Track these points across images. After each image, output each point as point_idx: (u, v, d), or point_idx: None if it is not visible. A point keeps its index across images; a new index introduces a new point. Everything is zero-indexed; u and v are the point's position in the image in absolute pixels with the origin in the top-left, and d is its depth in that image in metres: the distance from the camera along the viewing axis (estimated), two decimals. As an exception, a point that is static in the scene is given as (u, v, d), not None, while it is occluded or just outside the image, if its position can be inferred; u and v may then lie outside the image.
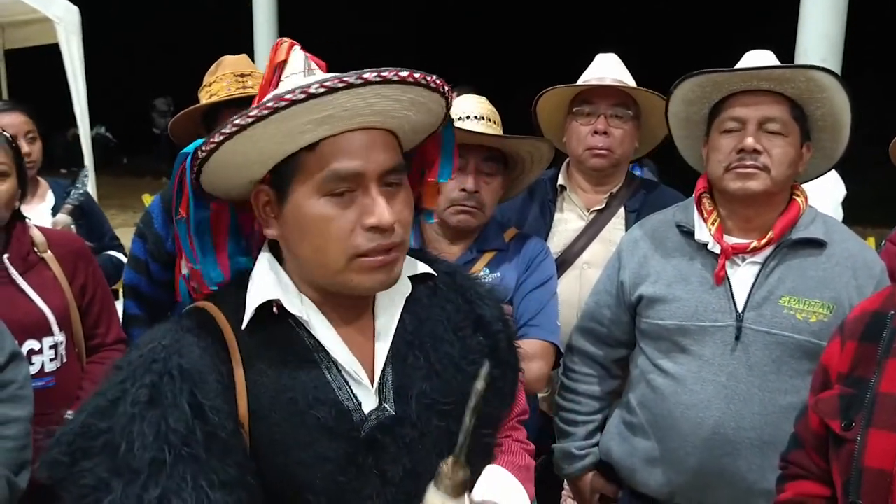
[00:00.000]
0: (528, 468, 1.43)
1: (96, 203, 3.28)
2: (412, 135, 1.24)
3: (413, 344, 1.24)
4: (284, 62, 1.21)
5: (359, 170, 1.11)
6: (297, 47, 1.23)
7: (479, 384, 1.06)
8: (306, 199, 1.13)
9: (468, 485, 1.09)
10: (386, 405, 1.20)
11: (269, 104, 1.06)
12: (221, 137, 1.09)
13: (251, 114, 1.07)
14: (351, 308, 1.23)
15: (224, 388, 1.12)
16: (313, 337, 1.19)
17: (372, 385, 1.20)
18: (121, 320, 2.43)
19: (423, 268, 1.32)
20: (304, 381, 1.16)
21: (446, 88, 1.16)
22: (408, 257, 1.29)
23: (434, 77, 1.13)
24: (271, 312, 1.17)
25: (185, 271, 1.30)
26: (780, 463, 1.58)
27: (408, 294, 1.28)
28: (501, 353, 1.34)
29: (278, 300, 1.17)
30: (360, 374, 1.19)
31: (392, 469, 1.17)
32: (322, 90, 1.04)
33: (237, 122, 1.07)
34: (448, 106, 1.22)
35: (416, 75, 1.10)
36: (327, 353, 1.19)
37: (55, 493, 1.08)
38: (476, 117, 2.09)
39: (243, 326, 1.16)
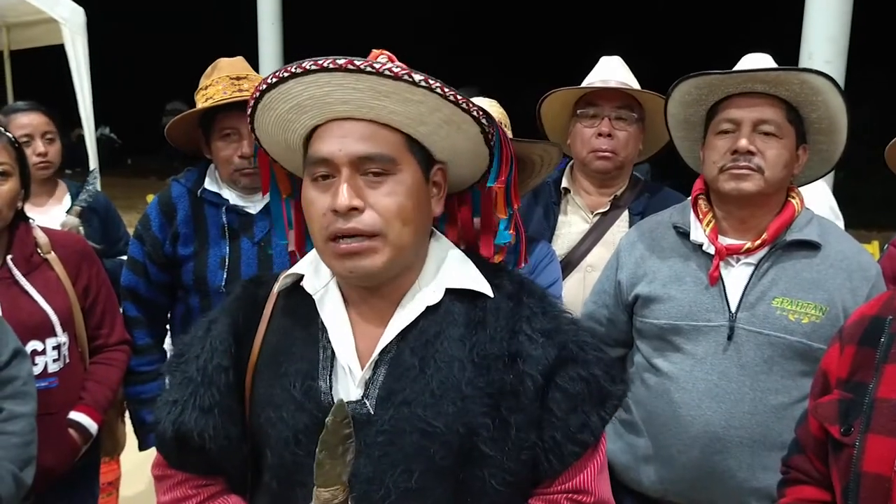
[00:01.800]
0: None
1: (113, 207, 3.26)
2: (441, 138, 1.24)
3: (417, 353, 1.21)
4: None
5: (327, 155, 1.18)
6: (385, 55, 1.26)
7: (328, 419, 1.14)
8: (305, 182, 1.23)
9: None
10: (367, 402, 1.20)
11: (253, 94, 1.23)
12: (249, 122, 1.28)
13: (249, 104, 1.25)
14: (371, 297, 1.26)
15: (235, 334, 1.29)
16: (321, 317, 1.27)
17: (359, 378, 1.21)
18: None
19: (469, 283, 1.26)
20: (298, 350, 1.26)
21: (415, 77, 1.14)
22: (470, 268, 1.28)
23: (380, 65, 1.12)
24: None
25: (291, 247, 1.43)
26: (781, 467, 1.59)
27: (431, 303, 1.24)
28: (523, 397, 1.19)
29: (303, 275, 1.29)
30: (353, 364, 1.22)
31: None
32: (274, 80, 1.17)
33: (248, 112, 1.26)
34: (460, 103, 1.19)
35: (358, 63, 1.12)
36: (328, 334, 1.25)
37: None
38: None
39: (276, 289, 1.32)
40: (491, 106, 2.17)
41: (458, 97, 1.18)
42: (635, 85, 2.46)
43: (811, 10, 4.75)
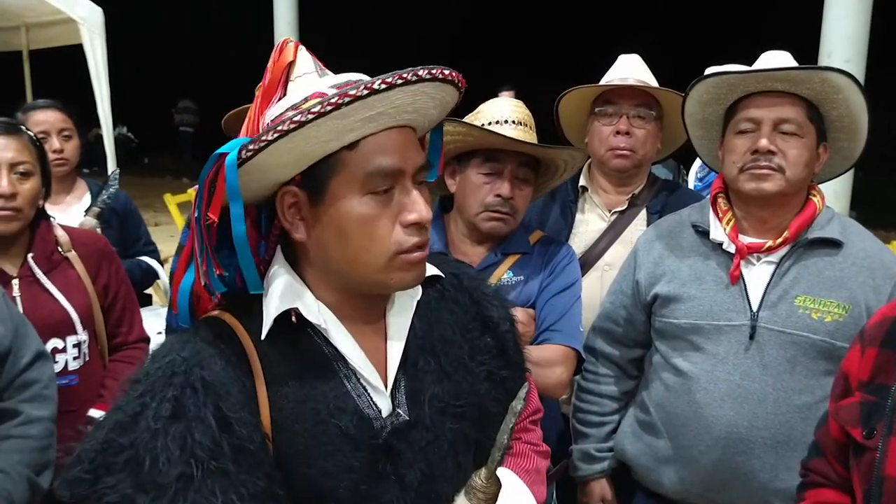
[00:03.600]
0: (537, 471, 1.41)
1: (134, 206, 3.26)
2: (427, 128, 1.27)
3: (424, 348, 1.25)
4: (293, 63, 1.21)
5: (400, 166, 1.13)
6: (303, 48, 1.23)
7: (518, 405, 1.13)
8: (348, 198, 1.12)
9: (496, 499, 1.17)
10: (399, 410, 1.20)
11: (333, 100, 1.04)
12: (276, 135, 1.06)
13: (312, 110, 1.05)
14: (366, 311, 1.23)
15: (247, 399, 1.11)
16: (331, 345, 1.18)
17: (386, 390, 1.21)
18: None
19: (431, 270, 1.30)
20: (324, 390, 1.15)
21: (461, 88, 1.19)
22: None
23: (448, 71, 1.14)
24: (289, 321, 1.16)
25: (188, 279, 1.23)
26: (800, 470, 1.58)
27: (418, 298, 1.27)
28: (509, 352, 1.35)
29: (296, 308, 1.16)
30: (378, 381, 1.20)
31: (409, 474, 1.17)
32: (384, 86, 1.05)
33: (296, 118, 1.05)
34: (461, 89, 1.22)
35: (446, 72, 1.12)
36: (345, 361, 1.18)
37: None
38: (514, 122, 2.06)
39: (262, 337, 1.15)
40: (518, 108, 2.16)
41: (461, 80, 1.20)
42: (654, 83, 2.45)
43: (830, 8, 4.72)
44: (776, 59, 1.96)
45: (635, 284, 2.04)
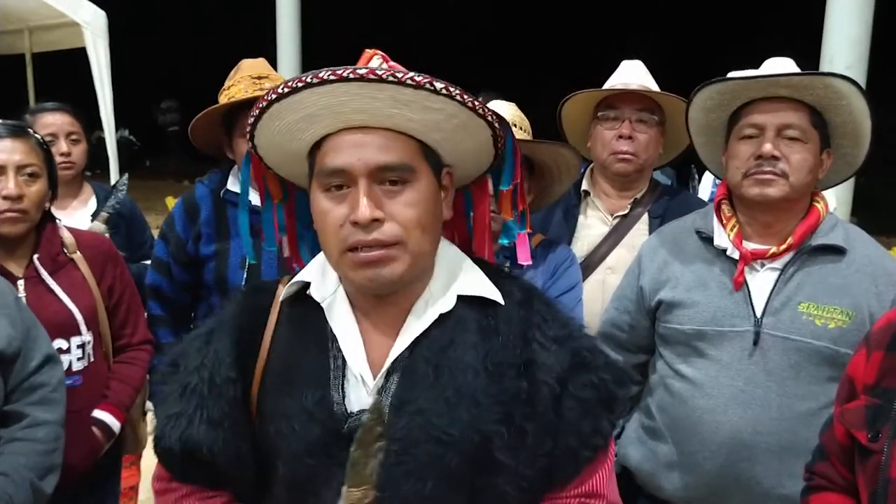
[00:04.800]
0: None
1: (139, 210, 3.27)
2: (452, 142, 1.24)
3: (430, 361, 1.20)
4: None
5: (344, 166, 1.16)
6: (378, 56, 1.26)
7: (365, 416, 1.14)
8: (314, 193, 1.21)
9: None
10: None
11: (258, 103, 1.18)
12: (248, 133, 1.25)
13: (252, 113, 1.21)
14: (382, 305, 1.24)
15: (239, 344, 1.27)
16: (331, 326, 1.24)
17: (372, 386, 1.20)
18: None
19: (480, 290, 1.25)
20: (308, 361, 1.24)
21: (435, 85, 1.13)
22: (478, 274, 1.28)
23: (402, 73, 1.11)
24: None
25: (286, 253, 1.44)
26: (804, 474, 1.58)
27: (444, 310, 1.23)
28: (539, 405, 1.19)
29: (310, 284, 1.27)
30: (364, 372, 1.21)
31: None
32: (286, 90, 1.14)
33: (249, 120, 1.22)
34: (477, 108, 1.19)
35: (380, 73, 1.10)
36: (339, 343, 1.23)
37: None
38: None
39: (280, 299, 1.29)
40: (509, 109, 2.17)
41: (475, 103, 1.18)
42: (656, 89, 2.46)
43: (832, 13, 4.72)
44: (779, 65, 1.97)
45: (639, 290, 2.04)
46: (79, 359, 2.16)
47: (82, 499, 2.20)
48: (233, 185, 2.44)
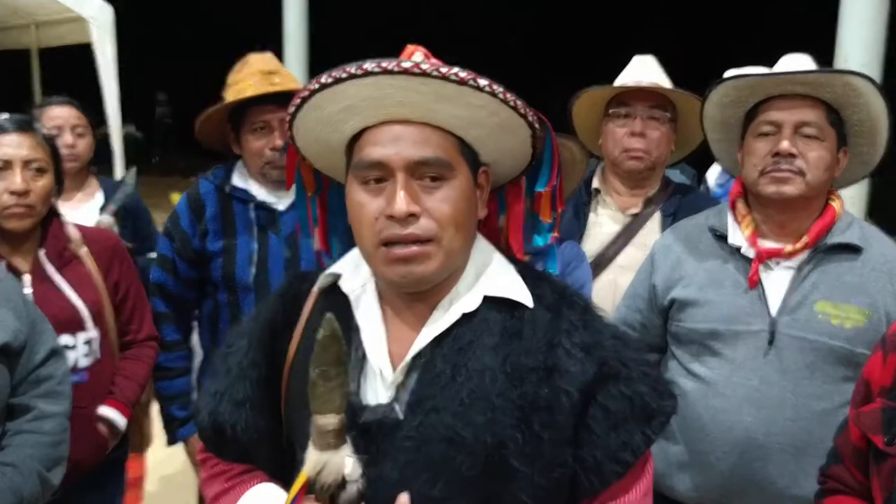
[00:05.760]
0: None
1: (143, 203, 3.27)
2: (493, 141, 1.22)
3: (448, 360, 1.18)
4: None
5: (382, 159, 1.14)
6: (420, 52, 1.25)
7: (318, 333, 1.09)
8: (351, 185, 1.20)
9: (338, 435, 1.10)
10: (396, 406, 1.18)
11: (300, 94, 1.17)
12: (286, 125, 1.25)
13: (293, 103, 1.19)
14: (411, 300, 1.23)
15: (271, 330, 1.32)
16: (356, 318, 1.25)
17: (391, 381, 1.19)
18: None
19: (508, 293, 1.22)
20: None
21: (480, 83, 1.12)
22: (511, 275, 1.25)
23: (447, 69, 1.10)
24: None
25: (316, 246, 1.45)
26: (818, 477, 1.57)
27: (467, 311, 1.20)
28: (557, 414, 1.15)
29: (341, 276, 1.29)
30: (384, 367, 1.20)
31: (373, 471, 1.15)
32: (331, 80, 1.12)
33: (290, 109, 1.21)
34: (518, 108, 1.18)
35: (425, 67, 1.09)
36: (361, 337, 1.24)
37: None
38: None
39: (315, 288, 1.31)
40: None
41: (517, 102, 1.17)
42: (668, 85, 2.44)
43: (846, 12, 4.69)
44: (796, 62, 1.95)
45: (652, 288, 2.03)
46: (85, 355, 2.16)
47: (88, 495, 2.20)
48: (238, 180, 2.43)
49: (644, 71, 2.46)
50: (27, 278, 2.09)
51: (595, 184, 2.49)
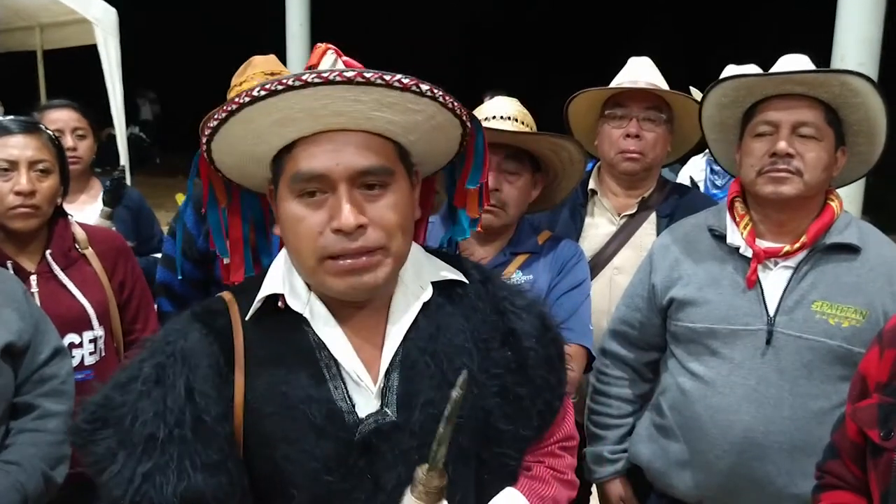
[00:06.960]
0: (554, 500, 1.34)
1: (147, 204, 3.28)
2: (425, 143, 1.22)
3: (426, 350, 1.20)
4: (315, 66, 1.21)
5: (322, 171, 1.11)
6: (331, 51, 1.22)
7: (455, 392, 1.07)
8: (284, 199, 1.15)
9: (443, 493, 1.10)
10: (387, 410, 1.17)
11: (227, 107, 1.10)
12: (205, 136, 1.16)
13: (215, 116, 1.12)
14: (360, 308, 1.21)
15: (219, 374, 1.16)
16: (317, 334, 1.19)
17: (374, 388, 1.18)
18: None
19: (449, 273, 1.28)
20: (299, 377, 1.16)
21: (421, 87, 1.11)
22: (437, 261, 1.29)
23: (389, 76, 1.08)
24: (279, 306, 1.20)
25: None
26: (815, 472, 1.57)
27: (426, 299, 1.23)
28: (530, 370, 1.27)
29: (283, 295, 1.20)
30: (362, 375, 1.18)
31: (385, 476, 1.15)
32: (264, 93, 1.06)
33: (210, 123, 1.13)
34: (455, 109, 1.18)
35: (368, 75, 1.06)
36: (329, 352, 1.18)
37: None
38: (502, 117, 2.07)
39: (247, 317, 1.20)
40: (511, 104, 2.15)
41: (455, 104, 1.17)
42: (664, 86, 2.44)
43: (843, 11, 4.70)
44: (794, 62, 1.96)
45: (651, 288, 2.03)
46: (91, 353, 2.17)
47: (90, 495, 2.21)
48: None
49: (640, 72, 2.46)
50: (33, 278, 2.11)
51: (591, 185, 2.49)
